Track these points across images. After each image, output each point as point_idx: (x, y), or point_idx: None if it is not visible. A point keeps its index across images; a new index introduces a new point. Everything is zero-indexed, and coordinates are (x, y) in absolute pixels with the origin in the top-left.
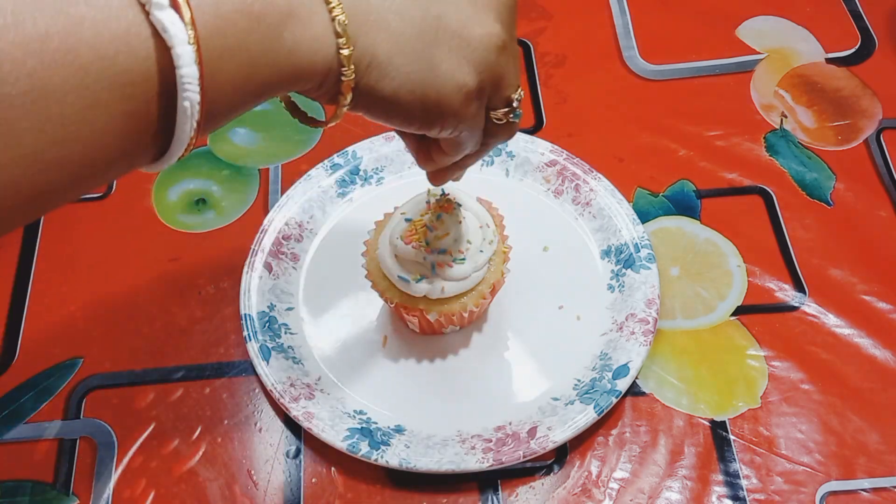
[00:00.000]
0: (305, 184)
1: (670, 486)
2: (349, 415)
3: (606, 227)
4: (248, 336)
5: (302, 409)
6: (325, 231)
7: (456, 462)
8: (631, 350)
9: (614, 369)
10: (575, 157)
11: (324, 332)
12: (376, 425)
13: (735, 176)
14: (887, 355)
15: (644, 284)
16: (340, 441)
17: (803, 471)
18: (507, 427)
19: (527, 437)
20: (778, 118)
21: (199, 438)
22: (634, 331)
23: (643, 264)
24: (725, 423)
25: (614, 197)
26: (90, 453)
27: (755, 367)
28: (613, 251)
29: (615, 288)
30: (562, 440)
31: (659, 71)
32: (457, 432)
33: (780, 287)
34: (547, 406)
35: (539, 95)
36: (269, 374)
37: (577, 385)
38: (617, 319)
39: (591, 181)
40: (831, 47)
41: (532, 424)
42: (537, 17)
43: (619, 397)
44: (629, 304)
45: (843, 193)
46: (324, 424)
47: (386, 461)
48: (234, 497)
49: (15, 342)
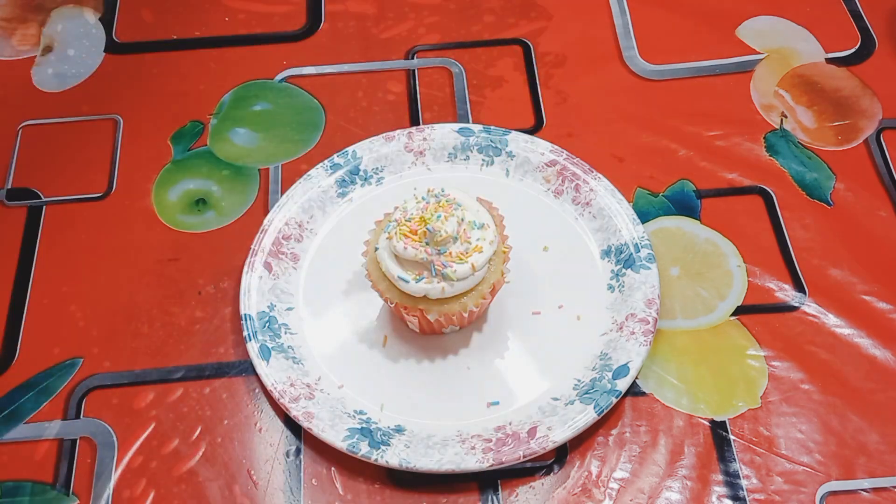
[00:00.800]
0: (305, 183)
1: (670, 486)
2: (349, 415)
3: (606, 227)
4: (249, 336)
5: (302, 409)
6: (325, 231)
7: (456, 462)
8: (631, 350)
9: (614, 369)
10: (575, 157)
11: (324, 332)
12: (376, 425)
13: (735, 176)
14: (887, 355)
15: (644, 284)
16: (340, 441)
17: (803, 471)
18: (507, 427)
19: (527, 437)
20: (778, 118)
21: (199, 438)
22: (634, 331)
23: (643, 264)
24: (725, 423)
25: (614, 197)
26: (90, 453)
27: (755, 367)
28: (613, 251)
29: (615, 288)
30: (562, 440)
31: (659, 71)
32: (457, 432)
33: (780, 287)
34: (547, 406)
35: (539, 95)
36: (269, 373)
37: (577, 385)
38: (617, 319)
39: (591, 181)
40: (831, 47)
41: (532, 424)
42: (537, 17)
43: (619, 397)
44: (629, 304)
45: (843, 193)
46: (324, 424)
47: (386, 461)
48: (234, 497)
49: (15, 342)
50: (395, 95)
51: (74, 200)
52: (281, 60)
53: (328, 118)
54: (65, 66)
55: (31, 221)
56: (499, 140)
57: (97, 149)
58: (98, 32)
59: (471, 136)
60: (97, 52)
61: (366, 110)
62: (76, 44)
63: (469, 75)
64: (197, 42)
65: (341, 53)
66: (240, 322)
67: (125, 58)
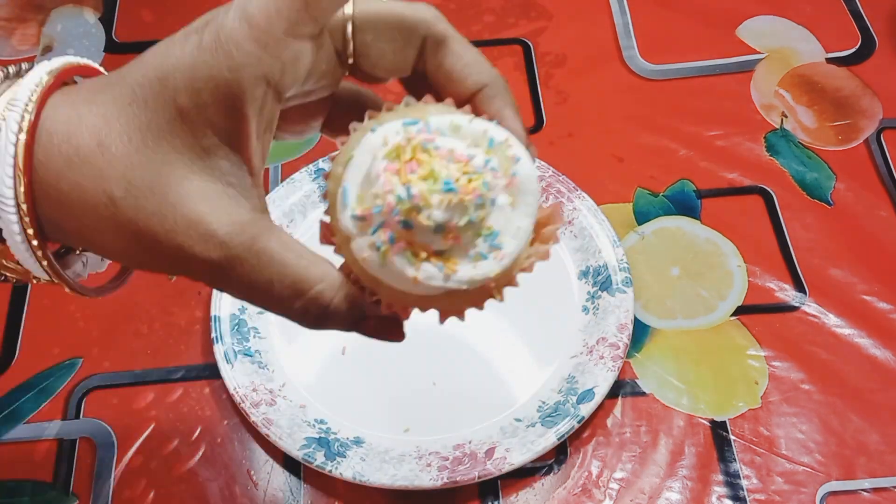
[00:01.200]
0: (288, 187)
1: (671, 487)
2: (309, 423)
3: (587, 248)
4: (216, 338)
5: (262, 415)
6: (304, 236)
7: (409, 479)
8: (598, 375)
9: (579, 393)
10: (561, 175)
11: (291, 337)
12: (335, 436)
13: (735, 176)
14: (887, 355)
15: (618, 309)
16: (297, 450)
17: (804, 471)
18: (467, 446)
19: (484, 458)
20: (778, 118)
21: (199, 438)
22: (604, 355)
23: (619, 288)
24: (726, 424)
25: (596, 217)
26: (90, 453)
27: (755, 367)
28: (591, 272)
29: (590, 310)
30: (519, 463)
31: (659, 71)
32: (415, 448)
33: (781, 287)
34: (508, 427)
35: (539, 95)
36: (233, 377)
37: (541, 407)
38: (588, 342)
39: (574, 200)
40: (831, 47)
41: (491, 445)
42: (537, 17)
43: (581, 422)
44: (601, 327)
45: (843, 193)
46: (282, 432)
47: (340, 473)
48: (234, 497)
49: (15, 342)
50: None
51: None
52: None
53: None
54: None
55: None
56: None
57: None
58: (98, 32)
59: None
60: (97, 52)
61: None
62: (76, 44)
63: None
64: None
65: None
66: None
67: (125, 58)
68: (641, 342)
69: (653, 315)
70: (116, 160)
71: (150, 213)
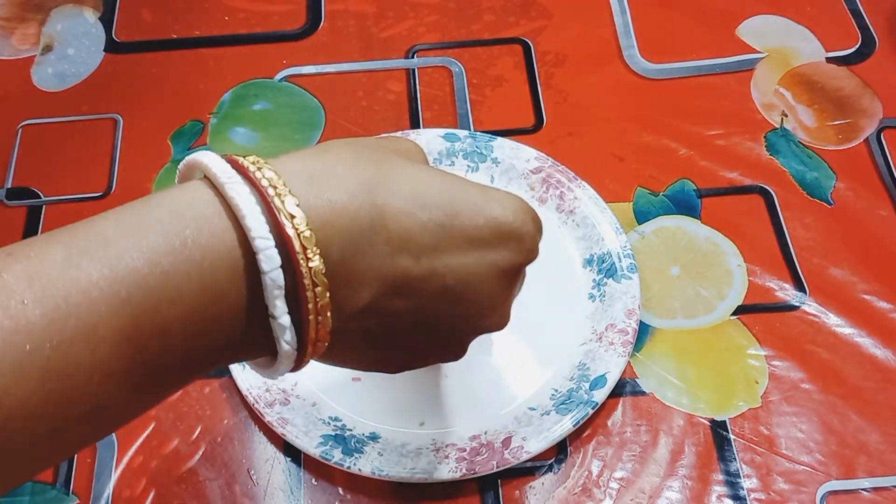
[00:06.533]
0: None
1: (671, 486)
2: (324, 421)
3: (590, 236)
4: None
5: (276, 414)
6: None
7: (428, 471)
8: (609, 361)
9: (591, 380)
10: (560, 165)
11: None
12: (351, 432)
13: (735, 175)
14: (888, 355)
15: (625, 295)
16: (314, 448)
17: (804, 470)
18: (482, 436)
19: (501, 447)
20: (778, 117)
21: (199, 438)
22: (613, 341)
23: (625, 274)
24: (726, 423)
25: (598, 205)
26: (90, 453)
27: (756, 366)
28: (596, 260)
29: (596, 297)
30: (536, 451)
31: (659, 70)
32: (431, 441)
33: (781, 286)
34: (523, 416)
35: (539, 95)
36: (245, 378)
37: (554, 395)
38: (597, 329)
39: (575, 189)
40: (832, 46)
41: (507, 434)
42: (537, 16)
43: (595, 408)
44: (609, 314)
45: (843, 193)
46: (298, 430)
47: (359, 469)
48: (234, 497)
49: None
50: (395, 95)
51: (74, 200)
52: (281, 60)
53: (328, 117)
54: (65, 66)
55: (30, 221)
56: (484, 146)
57: (97, 148)
58: (98, 32)
59: (456, 142)
60: (97, 52)
61: (366, 109)
62: (76, 43)
63: (469, 74)
64: (196, 41)
65: (341, 53)
66: None
67: (125, 57)
68: (641, 341)
69: (653, 314)
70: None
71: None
